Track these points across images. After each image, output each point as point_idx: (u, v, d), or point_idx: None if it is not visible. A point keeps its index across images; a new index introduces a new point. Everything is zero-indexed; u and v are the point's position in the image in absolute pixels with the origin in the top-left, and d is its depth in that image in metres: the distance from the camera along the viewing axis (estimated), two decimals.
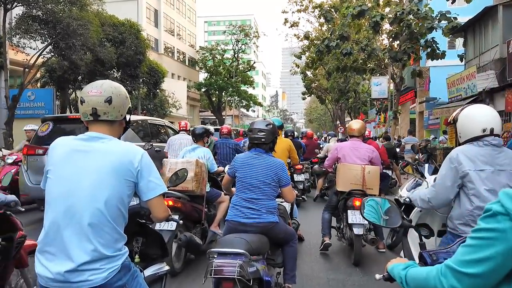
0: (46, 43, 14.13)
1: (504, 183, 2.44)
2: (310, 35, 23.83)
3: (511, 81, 12.27)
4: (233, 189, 3.54)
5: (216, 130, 12.88)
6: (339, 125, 35.03)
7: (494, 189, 2.42)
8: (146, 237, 2.60)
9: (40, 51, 14.17)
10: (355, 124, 5.20)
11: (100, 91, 1.85)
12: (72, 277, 1.68)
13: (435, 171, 4.98)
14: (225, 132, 7.91)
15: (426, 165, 5.06)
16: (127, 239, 1.90)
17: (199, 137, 5.34)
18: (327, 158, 5.43)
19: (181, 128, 8.10)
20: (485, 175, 2.46)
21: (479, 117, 2.56)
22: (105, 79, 2.84)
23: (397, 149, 12.54)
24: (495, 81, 13.56)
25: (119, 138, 1.97)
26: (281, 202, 3.79)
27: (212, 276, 2.60)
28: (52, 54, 15.01)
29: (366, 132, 6.96)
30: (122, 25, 17.57)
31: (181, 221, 4.26)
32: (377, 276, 1.70)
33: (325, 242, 4.99)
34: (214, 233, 5.00)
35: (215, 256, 2.70)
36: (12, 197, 2.90)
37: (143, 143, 8.53)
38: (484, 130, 2.51)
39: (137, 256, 2.48)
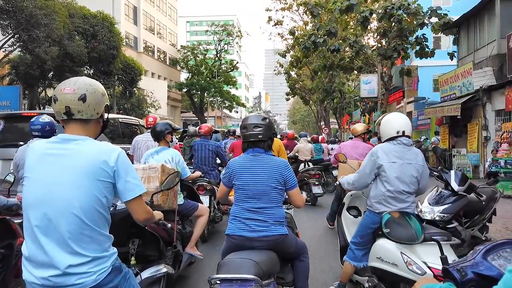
0: (6, 35, 12.75)
1: (409, 173, 3.18)
2: (295, 31, 22.79)
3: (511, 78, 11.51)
4: (231, 197, 3.01)
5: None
6: (324, 126, 34.36)
7: (401, 177, 3.16)
8: (142, 239, 2.53)
9: (1, 45, 12.78)
10: (359, 127, 5.98)
11: (73, 88, 1.80)
12: (59, 282, 1.69)
13: (463, 180, 4.00)
14: (204, 132, 6.85)
15: (452, 171, 4.07)
16: (124, 241, 2.06)
17: (161, 135, 4.27)
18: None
19: (149, 126, 6.74)
20: (396, 166, 3.18)
21: (395, 122, 3.27)
22: (76, 75, 2.25)
23: None
24: (492, 78, 12.82)
25: (96, 138, 1.90)
26: (287, 209, 3.27)
27: None
28: (14, 47, 13.60)
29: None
30: (94, 17, 16.22)
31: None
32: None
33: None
34: (190, 256, 4.09)
35: (218, 283, 2.30)
36: (14, 201, 2.81)
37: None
38: (398, 132, 3.23)
39: (133, 258, 2.40)
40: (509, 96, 11.27)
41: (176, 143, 9.24)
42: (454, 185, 3.95)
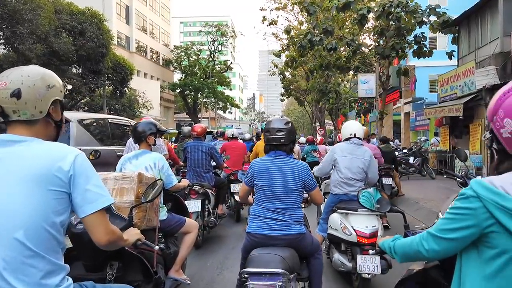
0: None
1: (356, 165, 4.28)
2: (291, 29, 22.29)
3: None
4: (249, 198, 3.25)
5: (208, 132, 11.46)
6: (319, 127, 33.91)
7: (350, 167, 4.28)
8: (122, 261, 2.33)
9: None
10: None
11: (5, 82, 1.44)
12: None
13: None
14: (198, 133, 6.46)
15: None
16: (100, 265, 1.74)
17: (142, 137, 3.62)
18: None
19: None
20: (346, 159, 4.32)
21: (349, 127, 4.53)
22: (63, 74, 1.36)
23: (396, 153, 11.17)
24: (496, 78, 12.37)
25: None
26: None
27: None
28: None
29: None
30: (82, 14, 15.57)
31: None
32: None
33: None
34: (175, 281, 3.44)
35: (247, 276, 2.51)
36: None
37: (97, 147, 6.92)
38: (351, 134, 4.43)
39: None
40: None
41: (171, 144, 8.75)
42: None
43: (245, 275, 2.53)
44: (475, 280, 1.32)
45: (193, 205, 5.49)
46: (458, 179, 3.78)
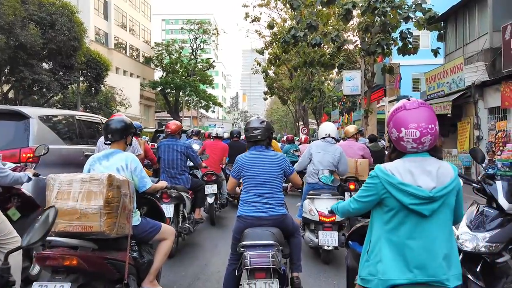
0: None
1: (327, 160, 5.06)
2: (274, 24, 21.67)
3: (508, 72, 10.66)
4: (237, 189, 3.80)
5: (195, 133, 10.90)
6: (302, 126, 33.51)
7: (321, 161, 5.06)
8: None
9: None
10: (351, 128, 6.84)
11: None
12: None
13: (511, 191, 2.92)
14: (172, 130, 5.88)
15: (499, 182, 2.95)
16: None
17: (117, 135, 3.27)
18: None
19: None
20: (319, 154, 5.11)
21: (325, 128, 5.37)
22: (31, 69, 0.49)
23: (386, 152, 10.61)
24: (485, 74, 12.00)
25: None
26: None
27: (249, 267, 2.80)
28: None
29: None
30: (52, 4, 14.57)
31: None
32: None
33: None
34: None
35: (243, 249, 2.93)
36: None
37: (62, 146, 6.20)
38: (326, 134, 5.25)
39: None
40: (504, 92, 10.43)
41: (147, 143, 8.14)
42: (504, 202, 2.84)
43: (241, 248, 2.95)
44: (379, 225, 2.01)
45: (166, 210, 4.86)
46: (474, 184, 3.18)
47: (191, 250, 5.61)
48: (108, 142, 3.30)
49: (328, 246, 4.56)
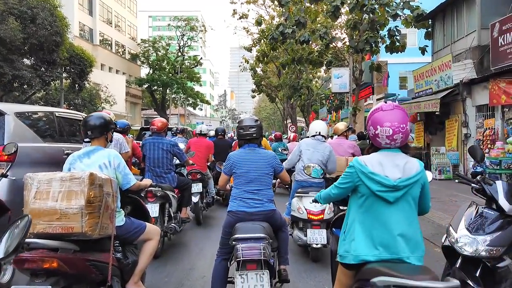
0: None
1: (316, 157, 5.05)
2: (262, 21, 21.43)
3: (496, 70, 10.63)
4: (227, 185, 3.87)
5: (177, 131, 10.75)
6: (291, 124, 33.41)
7: (310, 159, 5.02)
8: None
9: None
10: (340, 126, 6.67)
11: None
12: None
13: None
14: (158, 128, 5.76)
15: (499, 182, 2.81)
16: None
17: (97, 132, 3.18)
18: None
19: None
20: (309, 152, 5.11)
21: (315, 126, 5.38)
22: (11, 64, 0.49)
23: None
24: (473, 72, 11.97)
25: None
26: None
27: (241, 259, 2.93)
28: None
29: None
30: None
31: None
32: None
33: None
34: None
35: (235, 243, 3.02)
36: None
37: (40, 145, 5.93)
38: (316, 132, 5.25)
39: None
40: (493, 90, 10.40)
41: (133, 139, 7.90)
42: (504, 203, 2.69)
43: (233, 241, 3.03)
44: (354, 209, 2.33)
45: (151, 209, 4.77)
46: (473, 184, 3.03)
47: (176, 251, 5.41)
48: (88, 139, 3.20)
49: (316, 244, 4.59)
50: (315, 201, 2.75)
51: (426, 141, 14.97)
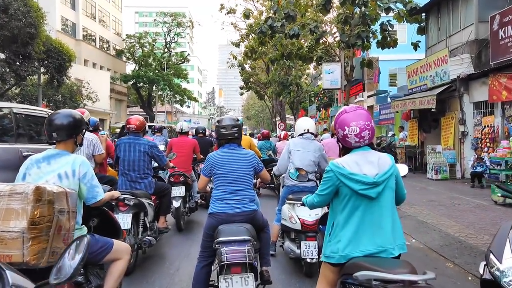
0: None
1: (308, 158, 4.62)
2: (250, 13, 20.71)
3: (496, 65, 10.12)
4: (207, 187, 3.76)
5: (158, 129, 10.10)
6: (280, 121, 32.87)
7: (301, 160, 4.59)
8: None
9: None
10: None
11: None
12: None
13: None
14: (136, 127, 5.05)
15: None
16: None
17: (64, 133, 2.72)
18: None
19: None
20: (299, 153, 4.65)
21: (303, 123, 4.87)
22: None
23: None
24: (470, 67, 11.46)
25: None
26: None
27: (226, 262, 2.87)
28: None
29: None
30: None
31: None
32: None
33: None
34: None
35: (219, 246, 2.97)
36: None
37: None
38: (304, 130, 4.77)
39: None
40: (493, 86, 9.89)
41: (107, 138, 7.20)
42: None
43: (217, 245, 2.97)
44: (337, 211, 2.36)
45: (122, 220, 4.16)
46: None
47: (151, 265, 4.71)
48: (53, 141, 2.73)
49: (312, 259, 4.03)
50: (303, 204, 2.78)
51: (420, 139, 14.47)
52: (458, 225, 5.79)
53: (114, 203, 4.19)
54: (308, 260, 4.06)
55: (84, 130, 2.88)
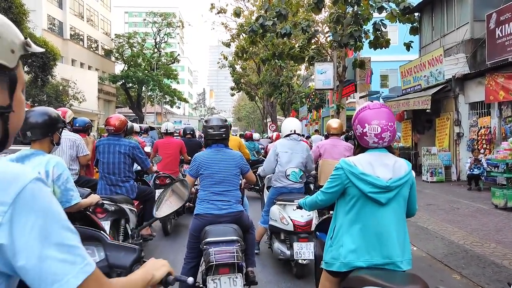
0: None
1: (297, 160, 4.54)
2: (241, 12, 20.35)
3: (492, 64, 9.89)
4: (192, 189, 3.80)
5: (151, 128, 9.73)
6: (271, 122, 32.56)
7: (289, 162, 4.52)
8: None
9: None
10: (334, 123, 5.60)
11: None
12: None
13: None
14: (116, 128, 4.69)
15: None
16: None
17: (39, 132, 2.63)
18: None
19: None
20: (287, 154, 4.55)
21: (289, 124, 4.77)
22: None
23: None
24: (466, 66, 11.23)
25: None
26: None
27: (214, 263, 2.85)
28: None
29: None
30: None
31: None
32: (295, 207, 3.15)
33: None
34: None
35: (207, 247, 2.97)
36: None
37: None
38: (291, 131, 4.66)
39: None
40: (489, 86, 9.65)
41: (94, 140, 6.79)
42: None
43: (205, 246, 2.99)
44: (341, 213, 2.18)
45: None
46: None
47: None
48: (27, 141, 2.66)
49: (304, 260, 4.00)
50: (299, 207, 2.69)
51: (413, 141, 14.22)
52: (460, 231, 5.48)
53: (91, 209, 3.86)
54: (300, 261, 4.02)
55: (61, 129, 2.79)
